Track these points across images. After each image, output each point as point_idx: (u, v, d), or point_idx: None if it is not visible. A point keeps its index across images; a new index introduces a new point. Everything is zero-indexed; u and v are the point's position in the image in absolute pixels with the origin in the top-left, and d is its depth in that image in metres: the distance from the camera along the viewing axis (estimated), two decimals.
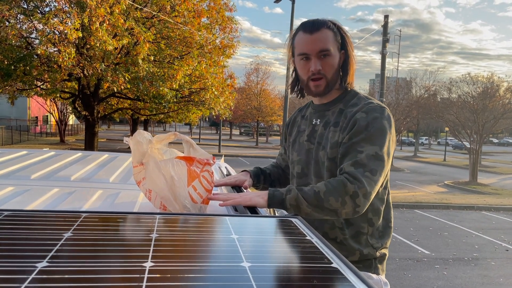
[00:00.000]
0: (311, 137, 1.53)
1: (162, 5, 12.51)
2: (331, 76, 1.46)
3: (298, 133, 1.61)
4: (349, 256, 1.45)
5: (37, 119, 37.51)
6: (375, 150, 1.33)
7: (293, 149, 1.62)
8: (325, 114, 1.52)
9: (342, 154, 1.38)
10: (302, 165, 1.54)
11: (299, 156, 1.57)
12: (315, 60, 1.43)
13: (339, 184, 1.28)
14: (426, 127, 41.57)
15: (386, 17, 16.12)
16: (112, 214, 0.98)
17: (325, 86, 1.46)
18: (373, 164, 1.32)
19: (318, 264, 0.74)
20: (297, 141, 1.60)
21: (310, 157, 1.52)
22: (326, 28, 1.43)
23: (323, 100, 1.55)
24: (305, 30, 1.44)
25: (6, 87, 13.02)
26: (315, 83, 1.46)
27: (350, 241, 1.45)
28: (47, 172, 1.81)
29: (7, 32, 9.89)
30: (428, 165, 27.65)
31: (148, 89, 12.59)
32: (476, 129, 19.01)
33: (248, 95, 39.38)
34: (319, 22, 1.44)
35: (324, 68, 1.44)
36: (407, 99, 25.28)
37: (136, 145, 1.26)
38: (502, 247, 8.12)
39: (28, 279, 0.59)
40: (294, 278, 0.67)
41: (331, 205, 1.28)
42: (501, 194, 15.53)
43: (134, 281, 0.61)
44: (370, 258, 1.47)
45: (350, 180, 1.28)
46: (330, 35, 1.43)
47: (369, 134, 1.35)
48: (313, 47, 1.42)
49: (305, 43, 1.43)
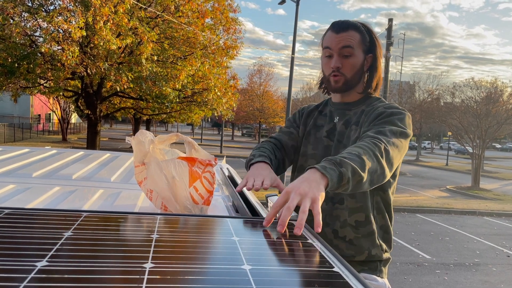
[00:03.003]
0: (331, 134, 1.54)
1: (166, 5, 12.54)
2: (351, 76, 1.48)
3: (315, 127, 1.60)
4: (357, 256, 1.44)
5: (40, 117, 37.61)
6: (398, 130, 1.31)
7: (307, 142, 1.60)
8: (346, 113, 1.54)
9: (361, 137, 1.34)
10: (317, 160, 1.51)
11: (314, 151, 1.56)
12: (336, 57, 1.47)
13: (370, 143, 1.20)
14: (428, 131, 41.51)
15: (391, 21, 16.11)
16: (113, 214, 0.97)
17: (343, 83, 1.49)
18: (395, 139, 1.27)
19: (319, 268, 0.73)
20: (313, 135, 1.59)
21: (327, 153, 1.52)
22: (354, 30, 1.47)
23: (345, 99, 1.56)
24: (333, 29, 1.48)
25: (9, 84, 13.06)
26: (335, 78, 1.48)
27: (362, 240, 1.45)
28: (48, 170, 1.81)
29: (12, 29, 9.93)
30: (431, 169, 27.58)
31: (151, 88, 12.61)
32: (479, 134, 18.96)
33: (250, 96, 39.39)
34: (348, 23, 1.48)
35: (344, 67, 1.47)
36: (410, 102, 25.25)
37: (138, 145, 1.25)
38: (504, 253, 8.09)
39: (28, 278, 0.59)
40: (295, 282, 0.67)
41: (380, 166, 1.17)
42: (503, 200, 15.48)
43: (134, 282, 0.61)
44: (376, 259, 1.47)
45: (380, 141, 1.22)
46: (356, 36, 1.46)
47: (392, 119, 1.35)
48: (336, 44, 1.46)
49: (330, 40, 1.48)
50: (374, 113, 1.43)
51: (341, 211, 1.46)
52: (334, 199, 1.47)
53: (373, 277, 1.46)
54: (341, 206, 1.46)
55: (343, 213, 1.45)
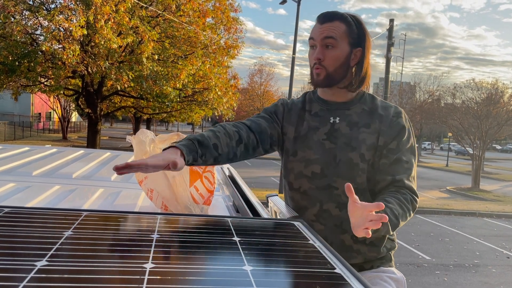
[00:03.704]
0: (331, 136, 1.44)
1: (167, 4, 12.53)
2: (333, 69, 1.41)
3: (309, 129, 1.47)
4: (379, 255, 1.48)
5: (40, 115, 37.63)
6: (414, 161, 1.46)
7: (304, 146, 1.47)
8: (345, 113, 1.46)
9: (390, 162, 1.41)
10: (321, 165, 1.43)
11: (316, 155, 1.44)
12: (319, 48, 1.40)
13: (410, 202, 1.38)
14: (429, 132, 41.45)
15: (392, 21, 16.09)
16: (113, 213, 0.97)
17: (325, 76, 1.41)
18: (415, 175, 1.46)
19: (321, 270, 0.73)
20: (310, 138, 1.46)
21: (330, 157, 1.43)
22: (339, 21, 1.39)
23: (338, 97, 1.48)
24: (318, 19, 1.43)
25: (10, 83, 13.06)
26: (316, 71, 1.42)
27: (379, 240, 1.48)
28: (48, 169, 1.80)
29: (12, 28, 9.93)
30: (431, 170, 27.57)
31: (152, 88, 12.61)
32: (479, 135, 18.96)
33: (251, 96, 39.37)
34: (334, 14, 1.41)
35: (326, 60, 1.39)
36: (411, 103, 25.25)
37: (139, 144, 1.25)
38: (503, 254, 8.08)
39: (27, 278, 0.58)
40: (296, 283, 0.66)
41: (406, 220, 1.36)
42: (503, 201, 15.47)
43: (134, 282, 0.60)
44: (391, 249, 1.54)
45: (415, 199, 1.41)
46: (341, 27, 1.39)
47: (411, 144, 1.46)
48: (318, 35, 1.40)
49: (314, 31, 1.42)
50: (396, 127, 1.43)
51: None
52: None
53: (391, 270, 1.47)
54: None
55: None
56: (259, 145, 1.42)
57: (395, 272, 1.49)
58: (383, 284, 1.41)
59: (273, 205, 1.68)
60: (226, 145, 1.30)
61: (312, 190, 1.45)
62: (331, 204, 1.42)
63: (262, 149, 1.44)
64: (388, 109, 1.46)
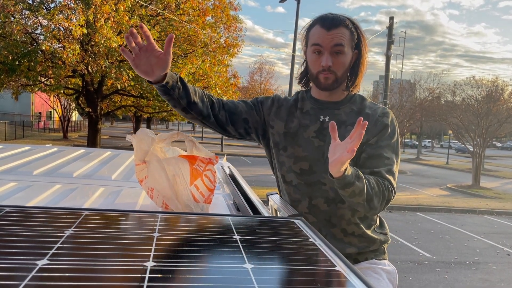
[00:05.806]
0: (320, 134, 1.50)
1: (167, 3, 12.52)
2: (341, 74, 1.46)
3: (300, 127, 1.53)
4: (371, 246, 1.52)
5: (41, 114, 37.65)
6: (396, 160, 1.46)
7: (294, 143, 1.53)
8: (335, 113, 1.51)
9: (369, 155, 1.44)
10: (310, 162, 1.49)
11: (305, 152, 1.50)
12: (327, 55, 1.42)
13: (386, 189, 1.37)
14: (429, 130, 41.45)
15: (391, 19, 16.07)
16: (113, 212, 0.97)
17: (334, 81, 1.46)
18: (396, 174, 1.45)
19: (321, 267, 0.73)
20: (300, 135, 1.52)
21: (319, 154, 1.49)
22: (344, 27, 1.43)
23: (331, 97, 1.53)
24: (323, 25, 1.43)
25: (10, 82, 13.05)
26: (325, 76, 1.45)
27: (370, 232, 1.52)
28: (49, 168, 1.81)
29: (12, 27, 9.93)
30: (431, 168, 27.57)
31: (152, 87, 12.59)
32: (479, 133, 18.95)
33: (251, 95, 39.37)
34: (339, 20, 1.43)
35: (335, 65, 1.44)
36: (411, 101, 25.22)
37: (139, 143, 1.25)
38: (504, 252, 8.09)
39: (28, 277, 0.59)
40: (296, 281, 0.66)
41: (373, 204, 1.34)
42: (503, 198, 15.48)
43: (135, 280, 0.60)
44: (384, 243, 1.58)
45: (391, 190, 1.39)
46: (346, 34, 1.44)
47: (394, 143, 1.47)
48: (328, 42, 1.42)
49: (321, 38, 1.43)
50: (379, 125, 1.47)
51: (344, 210, 1.49)
52: (335, 200, 1.48)
53: (384, 263, 1.54)
54: (343, 206, 1.48)
55: (346, 212, 1.49)
56: (228, 124, 1.53)
57: (386, 264, 1.54)
58: (375, 276, 1.47)
59: (274, 203, 1.69)
60: (201, 101, 1.46)
61: (301, 185, 1.52)
62: (320, 200, 1.49)
63: (235, 131, 1.56)
64: (376, 109, 1.52)
